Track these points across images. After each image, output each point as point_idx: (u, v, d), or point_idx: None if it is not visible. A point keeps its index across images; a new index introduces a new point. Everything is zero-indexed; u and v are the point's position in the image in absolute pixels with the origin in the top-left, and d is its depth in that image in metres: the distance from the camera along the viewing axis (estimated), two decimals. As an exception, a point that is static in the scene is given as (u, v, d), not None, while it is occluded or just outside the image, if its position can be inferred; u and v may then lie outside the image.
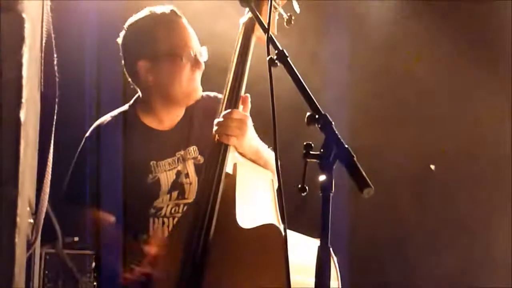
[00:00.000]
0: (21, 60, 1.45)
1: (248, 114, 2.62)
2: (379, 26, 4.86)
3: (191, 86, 2.81)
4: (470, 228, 4.77)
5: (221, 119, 2.56)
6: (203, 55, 2.82)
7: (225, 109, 2.58)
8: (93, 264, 2.91)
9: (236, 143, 2.57)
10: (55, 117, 1.83)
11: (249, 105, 2.63)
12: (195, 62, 2.79)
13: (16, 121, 1.44)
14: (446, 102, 4.89)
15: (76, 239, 3.53)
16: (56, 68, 1.82)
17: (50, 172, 1.82)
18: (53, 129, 1.83)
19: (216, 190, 2.50)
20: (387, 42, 4.84)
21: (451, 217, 4.82)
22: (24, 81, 1.45)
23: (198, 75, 2.82)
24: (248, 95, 2.64)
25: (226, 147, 2.55)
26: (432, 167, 4.90)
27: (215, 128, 2.56)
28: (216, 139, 2.56)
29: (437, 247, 4.79)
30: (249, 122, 2.60)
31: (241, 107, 2.61)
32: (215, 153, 2.55)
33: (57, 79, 1.81)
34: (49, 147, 1.81)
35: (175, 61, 2.76)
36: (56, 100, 1.82)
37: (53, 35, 1.81)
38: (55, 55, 1.82)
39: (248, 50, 2.62)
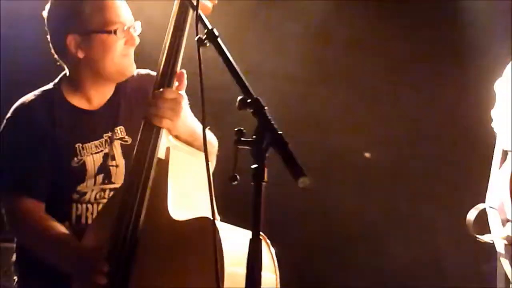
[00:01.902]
0: None
1: (183, 92, 2.48)
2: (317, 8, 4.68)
3: (125, 62, 2.65)
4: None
5: (152, 99, 2.42)
6: (136, 29, 2.67)
7: (159, 87, 2.44)
8: (14, 256, 2.71)
9: (170, 125, 2.43)
10: None
11: (185, 82, 2.48)
12: (129, 37, 2.64)
13: None
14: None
15: None
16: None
17: None
18: None
19: (146, 178, 2.37)
20: (327, 23, 4.68)
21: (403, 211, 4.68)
22: None
23: (132, 50, 2.67)
24: (184, 71, 2.48)
25: (158, 130, 2.41)
26: (367, 155, 4.79)
27: (146, 109, 2.43)
28: (146, 121, 2.42)
29: (387, 242, 4.63)
30: (185, 102, 2.46)
31: (176, 84, 2.46)
32: (145, 136, 2.41)
33: None
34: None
35: (108, 36, 2.60)
36: None
37: None
38: None
39: (185, 20, 2.46)
